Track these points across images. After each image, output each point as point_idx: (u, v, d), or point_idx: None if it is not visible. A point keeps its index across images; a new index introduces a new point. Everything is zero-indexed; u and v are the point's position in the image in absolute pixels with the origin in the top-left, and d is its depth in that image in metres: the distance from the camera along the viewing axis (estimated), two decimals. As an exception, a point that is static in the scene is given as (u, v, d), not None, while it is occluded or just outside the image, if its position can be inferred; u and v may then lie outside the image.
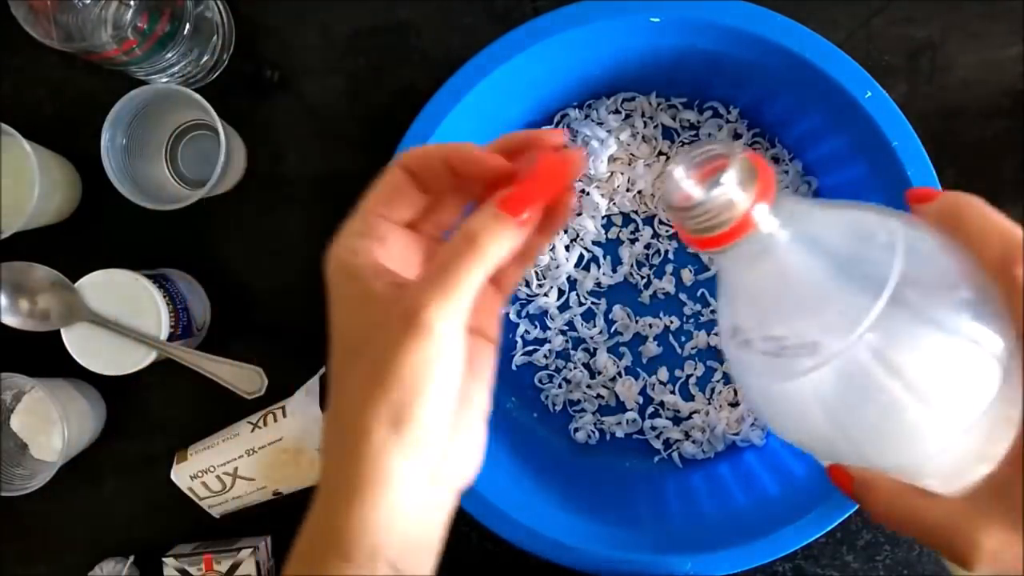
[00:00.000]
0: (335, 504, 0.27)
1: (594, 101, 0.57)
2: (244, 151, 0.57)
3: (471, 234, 0.28)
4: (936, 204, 0.29)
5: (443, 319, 0.27)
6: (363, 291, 0.30)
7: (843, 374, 0.26)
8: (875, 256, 0.26)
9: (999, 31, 0.56)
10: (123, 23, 0.50)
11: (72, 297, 0.52)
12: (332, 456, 0.29)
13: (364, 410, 0.27)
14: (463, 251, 0.27)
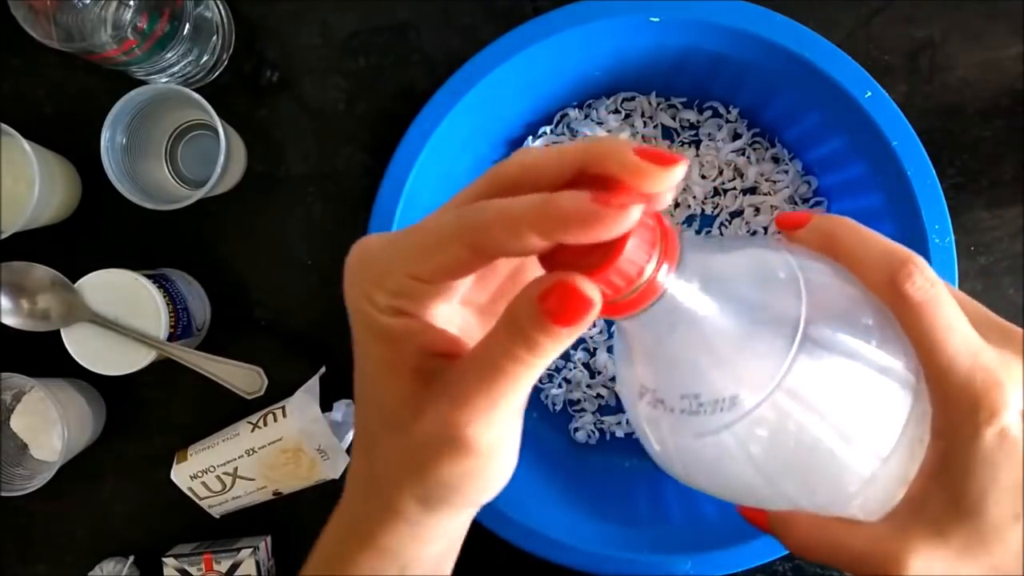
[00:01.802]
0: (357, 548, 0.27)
1: (594, 101, 0.57)
2: (244, 151, 0.57)
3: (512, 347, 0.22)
4: (807, 232, 0.29)
5: (489, 433, 0.24)
6: (398, 363, 0.25)
7: (763, 423, 0.26)
8: (780, 297, 0.26)
9: (999, 31, 0.56)
10: (123, 23, 0.50)
11: (72, 297, 0.52)
12: (357, 503, 0.28)
13: (399, 490, 0.25)
14: (504, 365, 0.23)
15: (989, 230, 0.57)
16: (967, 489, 0.26)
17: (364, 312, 0.25)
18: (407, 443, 0.25)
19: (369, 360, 0.26)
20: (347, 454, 0.55)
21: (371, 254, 0.25)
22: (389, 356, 0.25)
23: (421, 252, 0.24)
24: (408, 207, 0.52)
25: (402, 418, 0.25)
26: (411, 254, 0.24)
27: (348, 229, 0.57)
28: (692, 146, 0.57)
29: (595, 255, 0.22)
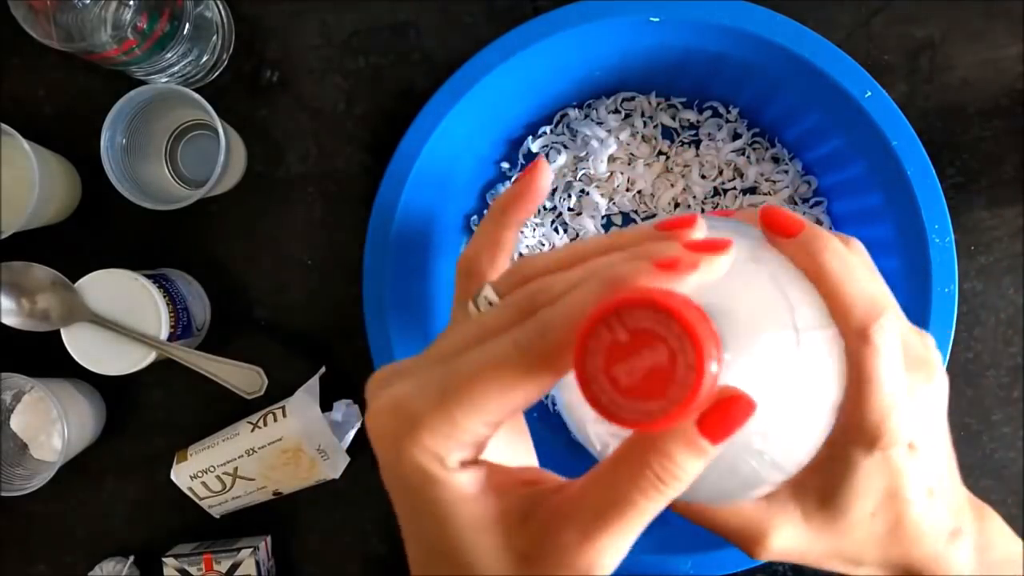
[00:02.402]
0: None
1: (594, 101, 0.57)
2: (244, 151, 0.57)
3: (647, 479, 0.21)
4: (794, 248, 0.28)
5: (614, 565, 0.22)
6: (487, 518, 0.22)
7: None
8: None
9: (999, 31, 0.56)
10: (123, 23, 0.50)
11: (72, 297, 0.52)
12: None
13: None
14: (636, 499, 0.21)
15: (989, 230, 0.57)
16: (841, 490, 0.28)
17: (434, 478, 0.21)
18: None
19: (449, 528, 0.22)
20: (347, 454, 0.55)
21: (418, 410, 0.21)
22: (476, 514, 0.22)
23: (486, 396, 0.21)
24: (408, 207, 0.52)
25: (508, 570, 0.22)
26: (482, 400, 0.21)
27: (348, 229, 0.57)
28: (692, 146, 0.57)
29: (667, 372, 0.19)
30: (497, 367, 0.20)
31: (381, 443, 0.22)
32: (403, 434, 0.21)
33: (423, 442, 0.21)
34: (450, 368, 0.21)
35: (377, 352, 0.52)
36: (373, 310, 0.52)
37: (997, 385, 0.57)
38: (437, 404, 0.21)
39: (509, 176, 0.57)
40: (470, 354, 0.21)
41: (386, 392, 0.22)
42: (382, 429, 0.22)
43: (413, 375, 0.22)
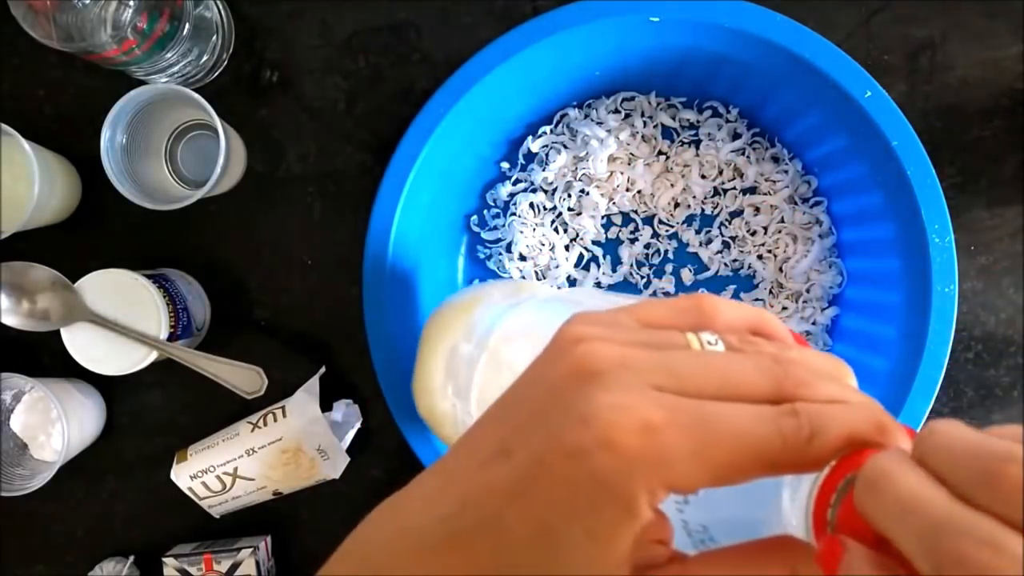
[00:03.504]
0: None
1: (594, 101, 0.57)
2: (244, 151, 0.57)
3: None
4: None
5: None
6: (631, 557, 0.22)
7: None
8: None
9: (999, 31, 0.56)
10: (122, 23, 0.50)
11: (72, 297, 0.52)
12: None
13: None
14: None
15: (989, 230, 0.57)
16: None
17: (636, 512, 0.20)
18: None
19: (597, 548, 0.21)
20: (347, 454, 0.55)
21: (672, 453, 0.20)
22: (625, 553, 0.21)
23: (734, 467, 0.20)
24: (408, 207, 0.52)
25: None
26: (730, 468, 0.21)
27: (348, 229, 0.57)
28: (692, 146, 0.57)
29: None
30: (757, 443, 0.20)
31: (608, 448, 0.21)
32: (645, 461, 0.20)
33: (658, 483, 0.20)
34: (707, 420, 0.21)
35: (377, 352, 0.52)
36: (373, 310, 0.52)
37: (997, 385, 0.57)
38: (695, 455, 0.20)
39: (509, 176, 0.57)
40: (728, 412, 0.21)
41: (628, 397, 0.21)
42: (620, 436, 0.21)
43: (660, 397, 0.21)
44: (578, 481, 0.21)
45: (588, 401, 0.22)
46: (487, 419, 0.26)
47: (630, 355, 0.23)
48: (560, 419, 0.22)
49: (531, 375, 0.25)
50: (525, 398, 0.24)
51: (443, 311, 0.48)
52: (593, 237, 0.57)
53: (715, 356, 0.23)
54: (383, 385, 0.52)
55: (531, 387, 0.25)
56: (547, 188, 0.57)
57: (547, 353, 0.25)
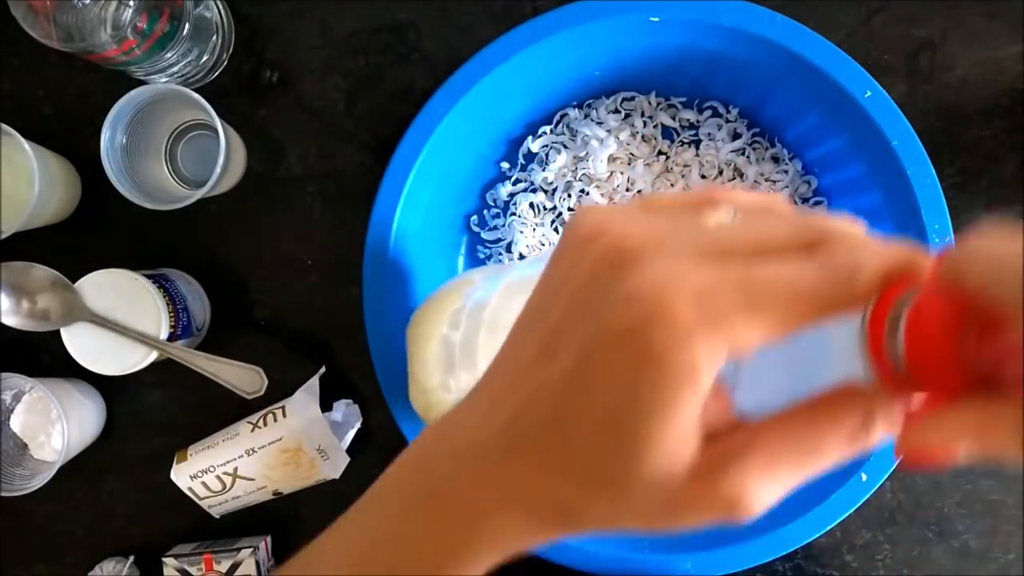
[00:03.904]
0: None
1: (594, 101, 0.57)
2: (244, 151, 0.57)
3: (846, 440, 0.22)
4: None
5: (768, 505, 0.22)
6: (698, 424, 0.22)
7: None
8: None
9: (999, 31, 0.56)
10: (122, 23, 0.50)
11: (72, 297, 0.52)
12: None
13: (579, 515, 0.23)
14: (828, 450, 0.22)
15: (989, 230, 0.57)
16: None
17: (697, 377, 0.20)
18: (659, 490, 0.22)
19: (661, 418, 0.21)
20: (347, 454, 0.55)
21: (727, 312, 0.20)
22: (691, 420, 0.21)
23: (794, 320, 0.20)
24: (408, 207, 0.52)
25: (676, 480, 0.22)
26: (782, 320, 0.20)
27: (348, 229, 0.57)
28: (692, 146, 0.57)
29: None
30: (805, 290, 0.20)
31: (662, 321, 0.20)
32: (702, 325, 0.20)
33: (718, 343, 0.20)
34: (753, 275, 0.21)
35: (377, 352, 0.52)
36: (373, 310, 0.52)
37: (997, 385, 0.57)
38: (748, 310, 0.20)
39: (509, 176, 0.57)
40: (771, 267, 0.21)
41: (671, 268, 0.21)
42: (673, 308, 0.20)
43: (701, 263, 0.21)
44: (634, 361, 0.21)
45: (629, 281, 0.21)
46: (519, 331, 0.25)
47: (659, 231, 0.22)
48: (602, 307, 0.22)
49: (554, 276, 0.25)
50: (556, 298, 0.24)
51: (424, 309, 0.48)
52: (593, 237, 0.57)
53: (741, 223, 0.23)
54: (383, 385, 0.52)
55: (559, 287, 0.24)
56: (547, 188, 0.57)
57: (564, 251, 0.24)
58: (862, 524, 0.58)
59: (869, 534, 0.58)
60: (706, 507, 0.22)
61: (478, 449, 0.24)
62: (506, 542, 0.24)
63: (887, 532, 0.58)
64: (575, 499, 0.23)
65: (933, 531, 0.58)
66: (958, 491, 0.58)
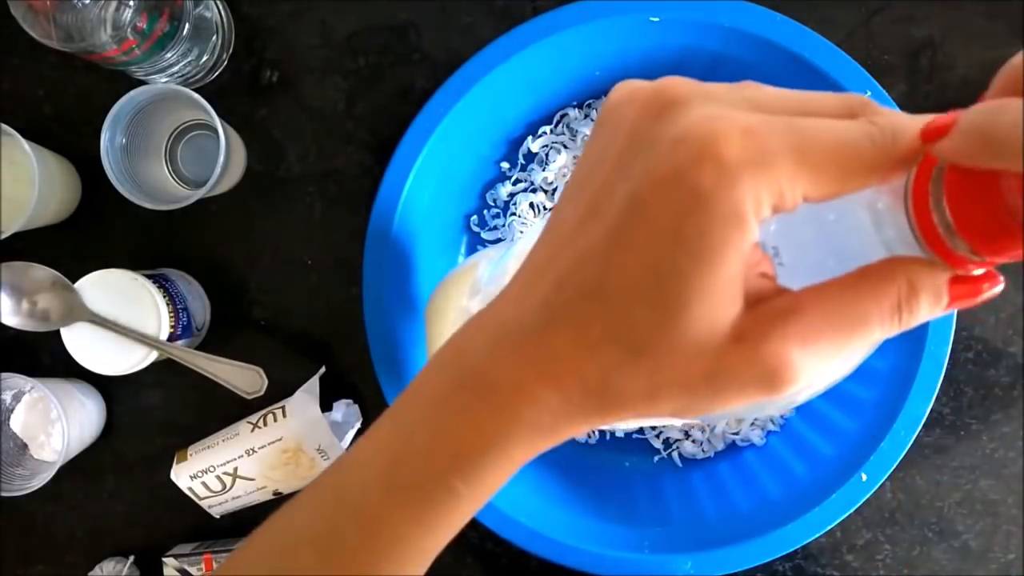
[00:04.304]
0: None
1: (594, 101, 0.57)
2: (244, 151, 0.57)
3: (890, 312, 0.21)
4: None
5: (811, 379, 0.22)
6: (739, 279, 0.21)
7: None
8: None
9: (999, 31, 0.56)
10: (122, 23, 0.50)
11: (72, 297, 0.52)
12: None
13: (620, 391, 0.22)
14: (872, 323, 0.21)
15: (989, 230, 0.57)
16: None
17: (742, 218, 0.20)
18: (702, 353, 0.21)
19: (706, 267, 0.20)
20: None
21: (775, 149, 0.20)
22: (734, 273, 0.20)
23: (839, 175, 0.20)
24: (408, 207, 0.52)
25: (719, 339, 0.21)
26: (830, 170, 0.20)
27: (348, 229, 0.57)
28: (692, 146, 0.57)
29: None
30: (850, 146, 0.20)
31: (709, 159, 0.20)
32: (750, 164, 0.19)
33: (764, 186, 0.20)
34: (801, 125, 0.20)
35: (377, 352, 0.52)
36: (373, 310, 0.52)
37: (997, 385, 0.57)
38: (796, 153, 0.20)
39: (509, 176, 0.57)
40: (817, 122, 0.20)
41: (719, 110, 0.20)
42: (720, 144, 0.20)
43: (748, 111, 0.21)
44: (680, 206, 0.20)
45: (677, 122, 0.21)
46: (564, 200, 0.24)
47: (704, 87, 0.22)
48: (649, 152, 0.21)
49: (597, 142, 0.24)
50: (601, 157, 0.23)
51: (444, 282, 0.48)
52: (593, 237, 0.57)
53: (783, 91, 0.23)
54: (383, 385, 0.52)
55: (605, 145, 0.23)
56: (547, 188, 0.57)
57: (606, 118, 0.23)
58: (862, 524, 0.58)
59: (869, 534, 0.58)
60: (747, 374, 0.21)
61: (517, 326, 0.23)
62: (542, 428, 0.23)
63: (887, 532, 0.58)
64: (614, 372, 0.22)
65: (933, 531, 0.58)
66: (958, 491, 0.58)
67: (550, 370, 0.22)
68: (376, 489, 0.25)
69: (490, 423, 0.23)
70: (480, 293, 0.45)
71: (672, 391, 0.22)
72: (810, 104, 0.22)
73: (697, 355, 0.21)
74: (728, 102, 0.21)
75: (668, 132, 0.21)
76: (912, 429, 0.49)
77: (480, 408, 0.23)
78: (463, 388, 0.24)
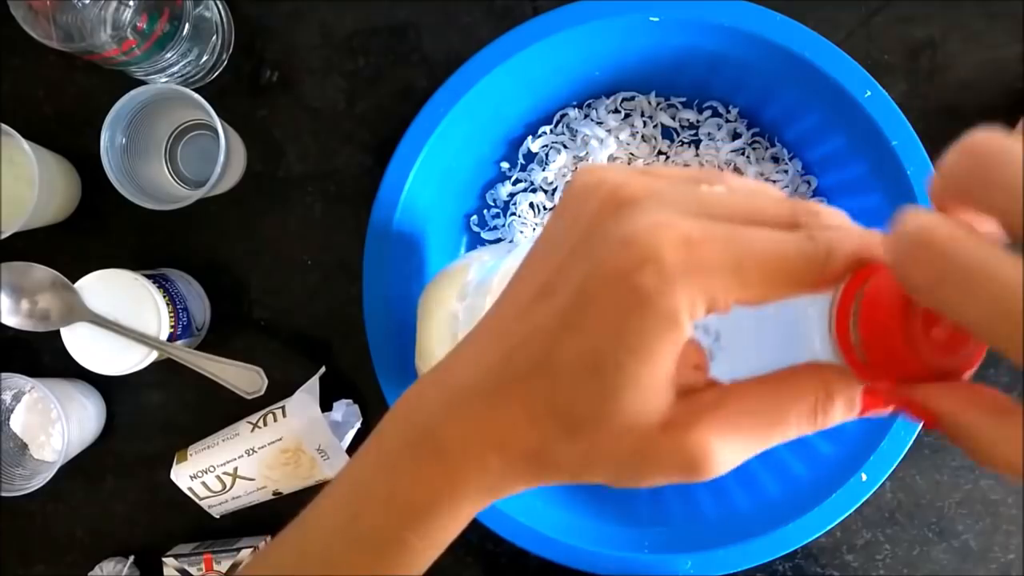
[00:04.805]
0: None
1: (594, 101, 0.57)
2: (244, 151, 0.57)
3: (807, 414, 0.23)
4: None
5: (729, 467, 0.23)
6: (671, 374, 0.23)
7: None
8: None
9: (999, 31, 0.56)
10: (122, 23, 0.50)
11: (72, 297, 0.52)
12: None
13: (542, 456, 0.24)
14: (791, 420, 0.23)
15: (989, 230, 0.57)
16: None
17: (677, 323, 0.21)
18: (631, 436, 0.23)
19: (639, 364, 0.22)
20: (347, 454, 0.55)
21: (712, 261, 0.21)
22: (666, 369, 0.22)
23: (770, 286, 0.22)
24: (408, 207, 0.52)
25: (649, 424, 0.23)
26: (760, 283, 0.22)
27: (348, 229, 0.57)
28: (692, 146, 0.57)
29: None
30: (783, 260, 0.22)
31: (652, 263, 0.21)
32: (687, 273, 0.21)
33: (698, 293, 0.21)
34: (740, 237, 0.22)
35: (377, 352, 0.52)
36: (373, 310, 0.52)
37: (997, 385, 0.57)
38: (731, 264, 0.21)
39: (509, 176, 0.57)
40: (756, 233, 0.22)
41: (666, 217, 0.22)
42: (662, 251, 0.21)
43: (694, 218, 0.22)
44: (622, 301, 0.22)
45: (627, 224, 0.22)
46: (521, 273, 0.26)
47: (659, 186, 0.24)
48: (600, 247, 0.23)
49: (557, 225, 0.26)
50: (558, 244, 0.25)
51: (436, 280, 0.48)
52: (593, 237, 0.57)
53: (733, 194, 0.24)
54: (383, 385, 0.52)
55: (562, 233, 0.25)
56: (547, 188, 0.57)
57: (567, 202, 0.25)
58: (862, 524, 0.58)
59: (869, 534, 0.58)
60: (670, 460, 0.23)
61: (468, 390, 0.25)
62: (488, 488, 0.25)
63: (887, 532, 0.58)
64: (553, 444, 0.24)
65: (933, 531, 0.58)
66: (958, 491, 0.58)
67: (496, 438, 0.24)
68: (338, 542, 0.27)
69: (440, 482, 0.25)
70: (467, 298, 0.46)
71: (602, 466, 0.24)
72: (757, 212, 0.23)
73: (627, 436, 0.23)
74: (679, 206, 0.23)
75: (619, 232, 0.22)
76: (912, 429, 0.49)
77: (431, 468, 0.25)
78: (415, 446, 0.26)
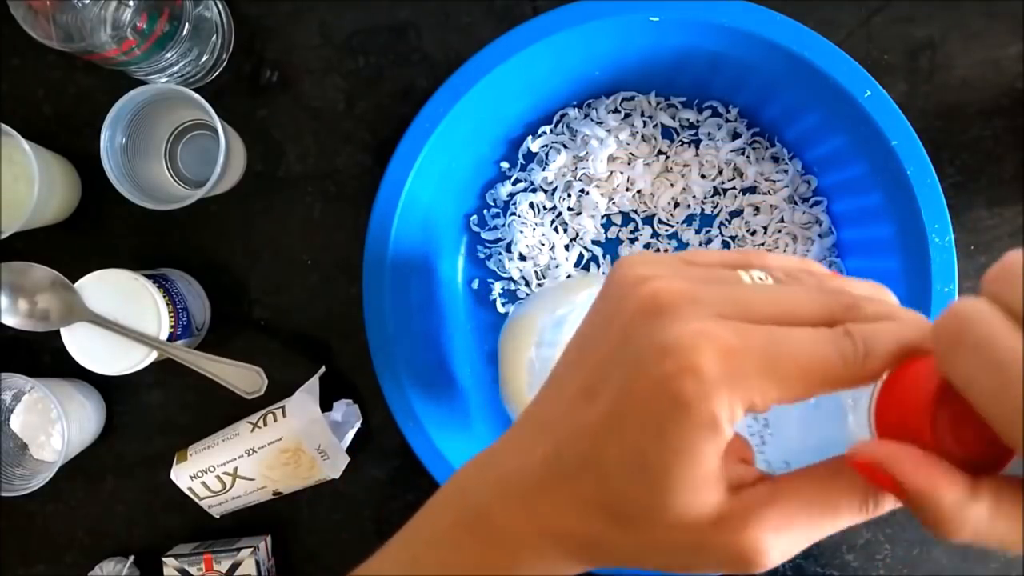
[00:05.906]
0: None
1: (593, 100, 0.57)
2: (244, 151, 0.57)
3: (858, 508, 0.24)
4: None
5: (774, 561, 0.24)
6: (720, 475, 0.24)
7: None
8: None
9: (999, 31, 0.56)
10: (122, 23, 0.50)
11: (72, 297, 0.52)
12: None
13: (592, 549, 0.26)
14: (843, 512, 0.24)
15: (989, 229, 0.57)
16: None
17: (717, 428, 0.22)
18: (683, 531, 0.24)
19: (683, 467, 0.23)
20: (347, 454, 0.55)
21: (749, 370, 0.22)
22: (713, 468, 0.23)
23: (808, 387, 0.22)
24: (408, 207, 0.52)
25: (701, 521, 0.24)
26: (799, 386, 0.22)
27: (348, 229, 0.57)
28: (692, 146, 0.57)
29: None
30: (821, 362, 0.22)
31: (690, 372, 0.22)
32: (725, 380, 0.22)
33: (736, 400, 0.22)
34: (777, 340, 0.23)
35: (377, 352, 0.52)
36: (373, 310, 0.52)
37: None
38: (768, 370, 0.22)
39: (509, 176, 0.57)
40: (793, 336, 0.23)
41: (703, 325, 0.23)
42: (700, 360, 0.22)
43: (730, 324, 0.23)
44: (664, 409, 0.23)
45: (665, 333, 0.23)
46: (564, 366, 0.28)
47: (695, 289, 0.24)
48: (640, 353, 0.24)
49: (597, 319, 0.27)
50: (598, 340, 0.26)
51: (512, 328, 0.50)
52: (593, 237, 0.57)
53: (770, 287, 0.25)
54: (383, 385, 0.52)
55: (602, 330, 0.26)
56: (547, 188, 0.57)
57: (609, 296, 0.27)
58: (862, 524, 0.58)
59: (869, 534, 0.58)
60: (723, 554, 0.24)
61: (519, 480, 0.26)
62: (543, 570, 0.27)
63: (887, 532, 0.58)
64: (605, 534, 0.25)
65: (933, 531, 0.58)
66: (958, 491, 0.58)
67: (550, 526, 0.26)
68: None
69: (497, 566, 0.27)
70: (542, 347, 0.48)
71: (655, 557, 0.25)
72: (793, 310, 0.24)
73: (681, 532, 0.24)
74: (716, 308, 0.24)
75: (658, 339, 0.23)
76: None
77: (487, 554, 0.27)
78: (470, 533, 0.27)
